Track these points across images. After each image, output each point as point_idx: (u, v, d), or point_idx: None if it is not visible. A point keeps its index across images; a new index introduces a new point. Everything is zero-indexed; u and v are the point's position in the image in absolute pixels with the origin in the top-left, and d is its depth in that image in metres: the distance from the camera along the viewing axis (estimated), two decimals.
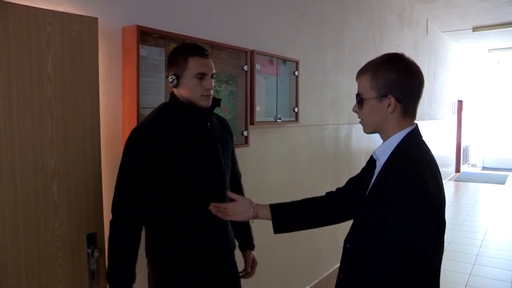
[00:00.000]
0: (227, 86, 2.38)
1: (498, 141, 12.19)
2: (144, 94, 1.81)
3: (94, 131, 1.58)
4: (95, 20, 1.56)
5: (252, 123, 2.48)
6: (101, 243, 1.59)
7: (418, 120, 1.24)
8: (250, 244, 1.84)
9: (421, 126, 1.26)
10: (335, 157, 3.73)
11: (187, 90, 1.50)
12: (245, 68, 2.42)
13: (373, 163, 1.31)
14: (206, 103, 1.53)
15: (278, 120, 2.79)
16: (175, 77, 1.51)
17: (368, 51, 4.28)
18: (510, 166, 11.69)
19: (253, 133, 2.53)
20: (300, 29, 3.13)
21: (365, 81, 1.21)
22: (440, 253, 1.12)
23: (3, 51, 1.31)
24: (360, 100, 1.22)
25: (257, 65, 2.52)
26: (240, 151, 2.29)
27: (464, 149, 11.35)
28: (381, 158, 1.22)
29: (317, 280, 3.44)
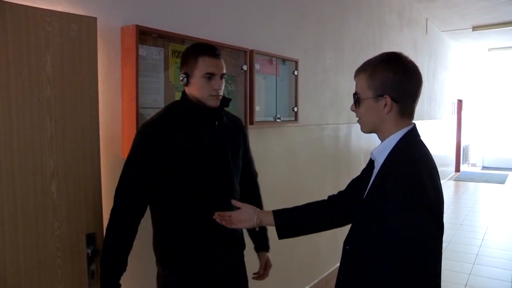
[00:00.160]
0: (226, 85, 2.37)
1: (498, 141, 12.19)
2: (143, 94, 1.81)
3: (93, 131, 1.57)
4: (94, 20, 1.56)
5: (252, 122, 2.48)
6: (100, 243, 1.58)
7: (418, 119, 1.23)
8: (264, 245, 1.82)
9: (420, 125, 1.26)
10: (334, 156, 3.73)
11: (196, 89, 1.52)
12: (245, 67, 2.42)
13: (372, 163, 1.31)
14: (215, 103, 1.53)
15: (278, 120, 2.79)
16: (185, 75, 1.52)
17: (368, 50, 4.28)
18: (510, 165, 11.70)
19: (252, 132, 2.53)
20: (299, 28, 3.13)
21: (362, 80, 1.20)
22: (440, 254, 1.10)
23: (1, 51, 1.31)
24: (357, 99, 1.22)
25: (256, 65, 2.52)
26: None
27: (464, 148, 11.35)
28: (379, 159, 1.21)
29: (317, 280, 3.44)
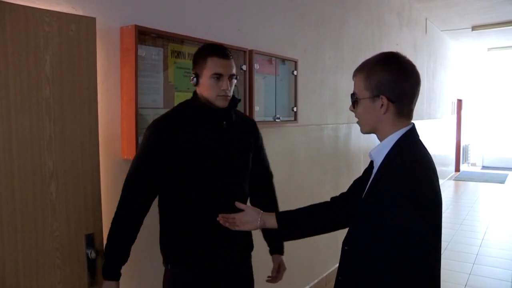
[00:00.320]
0: None
1: (497, 140, 12.19)
2: (142, 94, 1.81)
3: (92, 131, 1.57)
4: (93, 20, 1.56)
5: None
6: (99, 244, 1.59)
7: (417, 119, 1.23)
8: (278, 248, 1.80)
9: (420, 125, 1.26)
10: (334, 156, 3.72)
11: (205, 90, 1.53)
12: (244, 67, 2.42)
13: (372, 164, 1.30)
14: (223, 104, 1.54)
15: (277, 120, 2.79)
16: (195, 76, 1.54)
17: (367, 50, 4.27)
18: (510, 165, 11.70)
19: None
20: (299, 28, 3.13)
21: (360, 81, 1.19)
22: (436, 257, 1.10)
23: (0, 51, 1.30)
24: (355, 100, 1.21)
25: (255, 65, 2.52)
26: None
27: (463, 148, 11.36)
28: (377, 159, 1.20)
29: (316, 280, 3.44)
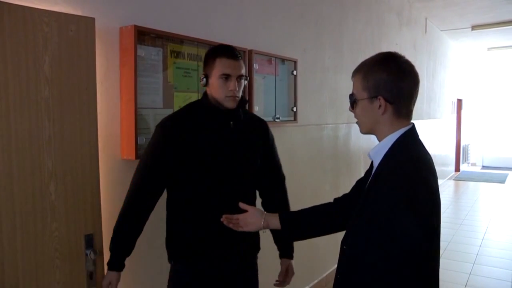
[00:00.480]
0: None
1: (497, 140, 12.19)
2: (141, 94, 1.80)
3: (91, 131, 1.57)
4: (92, 20, 1.56)
5: None
6: (99, 244, 1.59)
7: (417, 119, 1.22)
8: (286, 252, 1.79)
9: (420, 125, 1.25)
10: (334, 156, 3.72)
11: (214, 90, 1.54)
12: None
13: (372, 164, 1.30)
14: (231, 104, 1.54)
15: (277, 120, 2.78)
16: (204, 76, 1.55)
17: (367, 50, 4.27)
18: (510, 165, 11.70)
19: None
20: (298, 28, 3.13)
21: (358, 81, 1.19)
22: (432, 257, 1.09)
23: None
24: (354, 100, 1.21)
25: (255, 65, 2.51)
26: None
27: (463, 148, 11.36)
28: (376, 159, 1.20)
29: (316, 280, 3.43)
